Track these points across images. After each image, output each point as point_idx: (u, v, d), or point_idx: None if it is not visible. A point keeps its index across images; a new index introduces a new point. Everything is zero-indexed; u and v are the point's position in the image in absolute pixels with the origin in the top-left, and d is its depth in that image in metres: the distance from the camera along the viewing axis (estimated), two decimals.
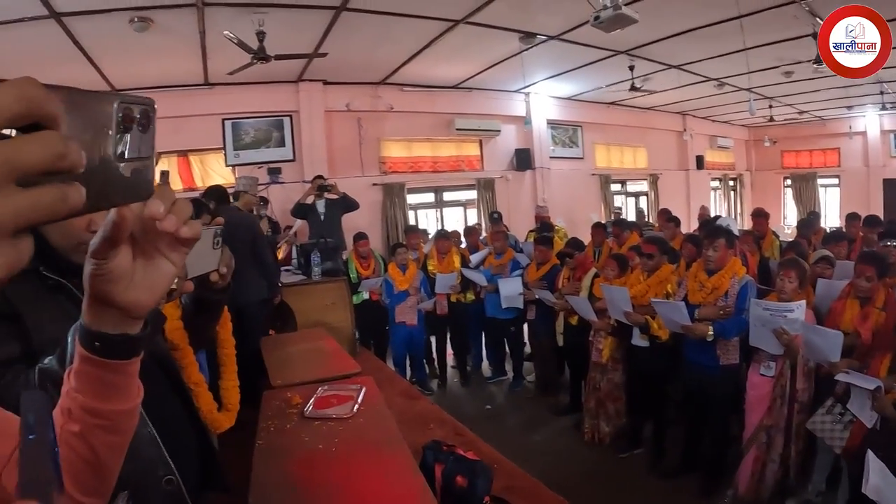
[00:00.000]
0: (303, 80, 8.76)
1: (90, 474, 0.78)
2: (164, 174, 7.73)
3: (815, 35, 7.01)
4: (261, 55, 5.94)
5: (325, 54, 6.85)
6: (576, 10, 5.79)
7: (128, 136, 0.52)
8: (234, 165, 8.74)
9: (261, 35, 5.83)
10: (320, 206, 7.41)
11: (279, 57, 6.07)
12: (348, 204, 7.47)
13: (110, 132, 0.50)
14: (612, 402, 5.05)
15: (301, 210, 7.53)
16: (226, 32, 5.52)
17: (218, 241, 1.26)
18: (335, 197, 7.42)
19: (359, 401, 2.75)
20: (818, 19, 6.75)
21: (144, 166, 0.53)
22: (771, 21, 6.93)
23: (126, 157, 0.52)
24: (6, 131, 0.42)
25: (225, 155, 8.76)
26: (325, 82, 9.00)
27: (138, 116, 0.53)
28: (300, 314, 5.54)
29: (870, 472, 2.04)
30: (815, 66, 7.58)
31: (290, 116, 9.03)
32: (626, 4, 4.93)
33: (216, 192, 5.20)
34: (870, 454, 2.18)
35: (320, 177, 7.60)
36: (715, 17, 6.88)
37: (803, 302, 3.77)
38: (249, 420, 2.66)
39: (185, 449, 1.51)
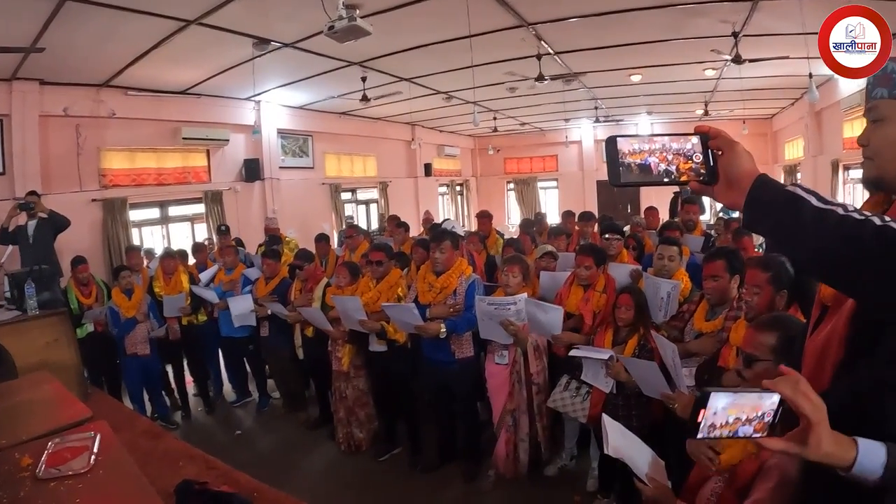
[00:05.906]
0: (17, 78, 7.42)
1: None
2: None
3: (538, 56, 7.89)
4: None
5: (42, 49, 6.03)
6: (312, 18, 5.67)
7: None
8: None
9: None
10: (30, 229, 6.54)
11: None
12: (57, 222, 6.65)
13: None
14: (361, 407, 5.11)
15: (7, 235, 6.59)
16: None
17: None
18: (44, 216, 6.59)
19: (94, 450, 2.49)
20: (544, 43, 7.51)
21: None
22: (499, 42, 7.48)
23: None
24: None
25: None
26: (42, 82, 7.73)
27: None
28: (18, 356, 4.82)
29: (608, 435, 2.25)
30: (536, 83, 8.44)
31: (1, 121, 7.61)
32: (361, 17, 5.04)
33: None
34: (605, 417, 2.37)
35: (33, 193, 6.69)
36: (447, 35, 7.26)
37: (524, 294, 4.14)
38: None
39: None
